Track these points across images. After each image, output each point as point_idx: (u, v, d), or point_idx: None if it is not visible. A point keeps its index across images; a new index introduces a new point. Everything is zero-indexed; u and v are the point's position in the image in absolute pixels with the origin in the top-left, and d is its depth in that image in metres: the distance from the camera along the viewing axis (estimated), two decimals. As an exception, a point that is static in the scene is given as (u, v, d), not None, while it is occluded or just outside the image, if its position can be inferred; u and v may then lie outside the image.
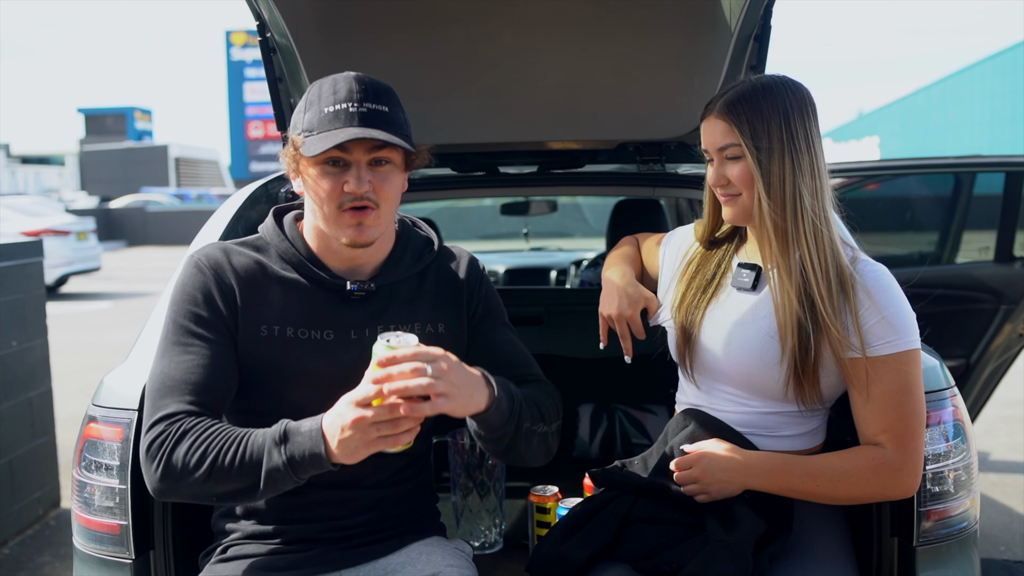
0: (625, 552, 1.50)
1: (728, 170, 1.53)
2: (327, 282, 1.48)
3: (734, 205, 1.55)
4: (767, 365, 1.50)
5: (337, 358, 1.46)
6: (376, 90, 1.42)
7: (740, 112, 1.50)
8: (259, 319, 1.45)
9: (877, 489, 1.46)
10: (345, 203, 1.41)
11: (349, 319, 1.48)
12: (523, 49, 2.08)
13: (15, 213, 12.37)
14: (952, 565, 1.59)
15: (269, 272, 1.48)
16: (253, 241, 1.54)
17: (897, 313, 1.45)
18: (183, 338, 1.41)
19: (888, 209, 4.52)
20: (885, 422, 1.44)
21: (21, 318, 3.70)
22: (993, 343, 3.46)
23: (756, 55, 2.04)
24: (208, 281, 1.44)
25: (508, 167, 2.64)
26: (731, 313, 1.58)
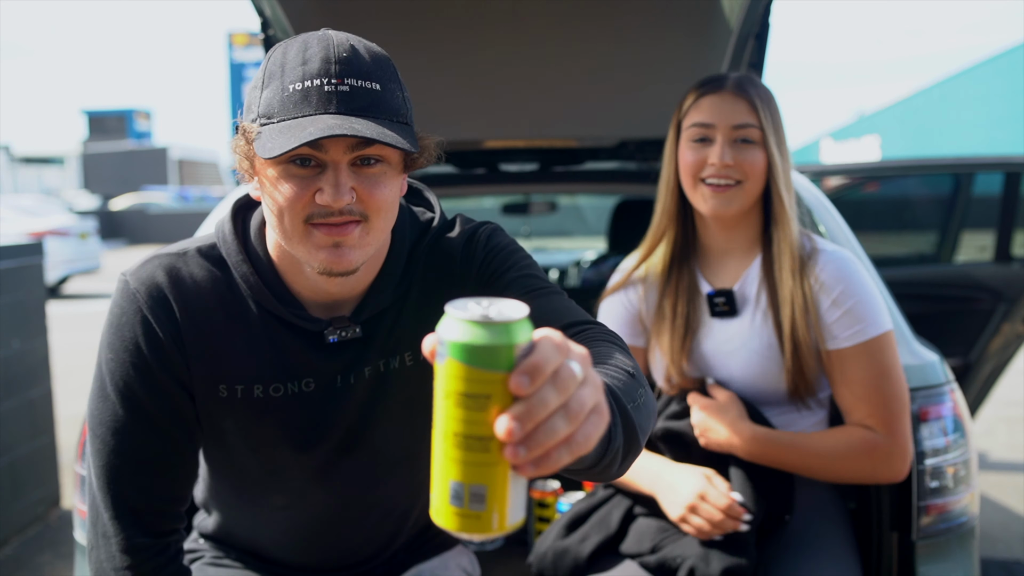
0: (628, 546, 1.50)
1: (741, 154, 1.43)
2: (300, 328, 1.13)
3: (733, 195, 1.45)
4: (770, 379, 1.50)
5: (323, 412, 1.15)
6: (361, 60, 1.00)
7: (759, 94, 1.44)
8: (216, 376, 1.11)
9: (868, 471, 1.45)
10: (315, 216, 1.01)
11: (329, 365, 1.14)
12: (524, 47, 2.08)
13: (16, 213, 12.37)
14: (951, 560, 1.60)
15: (230, 307, 1.12)
16: (209, 252, 1.14)
17: (860, 302, 1.44)
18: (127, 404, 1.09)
19: (888, 209, 4.52)
20: (869, 409, 1.45)
21: (22, 318, 3.70)
22: (992, 342, 3.46)
23: (755, 53, 2.04)
24: (148, 320, 1.09)
25: (509, 165, 2.64)
26: (721, 344, 1.54)
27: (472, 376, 0.61)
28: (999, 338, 3.46)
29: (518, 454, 0.60)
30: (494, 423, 0.61)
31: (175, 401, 1.11)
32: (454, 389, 0.62)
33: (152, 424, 1.10)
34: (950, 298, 3.51)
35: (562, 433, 0.62)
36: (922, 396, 1.62)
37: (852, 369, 1.45)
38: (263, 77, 1.02)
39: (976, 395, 3.67)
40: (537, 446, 0.61)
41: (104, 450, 1.10)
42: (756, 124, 1.43)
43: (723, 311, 1.53)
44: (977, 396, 3.69)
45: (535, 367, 0.60)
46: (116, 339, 1.10)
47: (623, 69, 2.13)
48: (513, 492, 0.63)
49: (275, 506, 1.24)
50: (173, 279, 1.11)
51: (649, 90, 2.22)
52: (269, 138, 0.97)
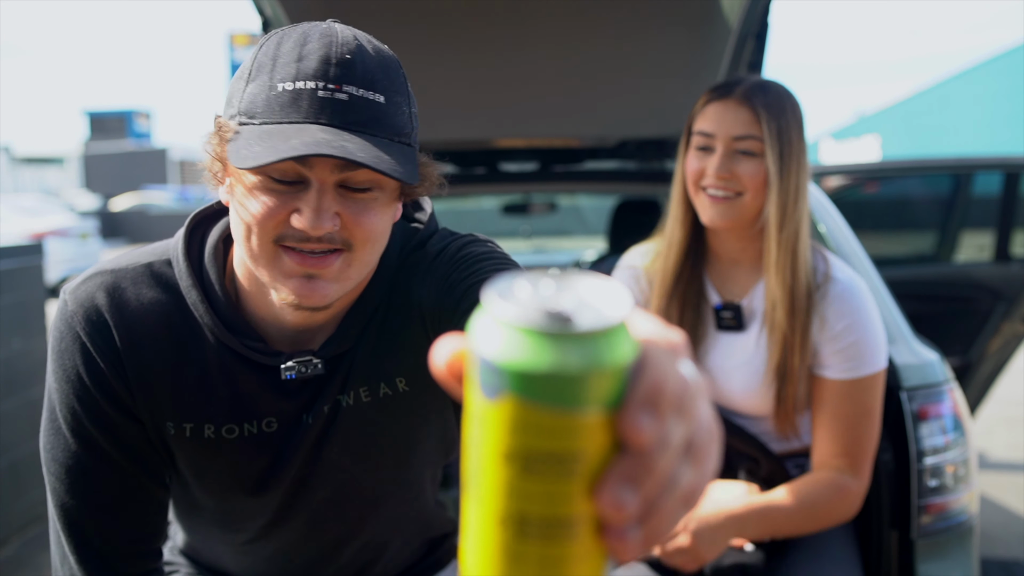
0: None
1: (739, 166, 1.39)
2: (258, 359, 0.98)
3: (730, 207, 1.40)
4: (770, 401, 1.49)
5: (279, 453, 1.02)
6: (366, 65, 0.86)
7: (770, 104, 1.37)
8: (163, 412, 0.97)
9: (836, 516, 1.43)
10: (288, 238, 0.87)
11: (293, 401, 1.00)
12: (524, 46, 2.08)
13: (17, 213, 12.38)
14: (951, 558, 1.60)
15: (179, 336, 0.97)
16: (160, 270, 0.99)
17: (861, 340, 1.41)
18: (79, 441, 0.96)
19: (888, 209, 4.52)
20: (843, 446, 1.43)
21: (22, 319, 3.71)
22: (991, 342, 3.47)
23: (755, 53, 2.04)
24: (87, 347, 0.94)
25: (509, 164, 2.65)
26: (725, 359, 1.51)
27: (554, 424, 0.35)
28: (998, 338, 3.46)
29: (626, 538, 0.37)
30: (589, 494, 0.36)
31: (127, 433, 0.97)
32: (522, 446, 0.36)
33: (108, 460, 0.97)
34: (949, 298, 3.51)
35: (686, 484, 0.39)
36: (921, 395, 1.62)
37: (835, 403, 1.43)
38: (250, 68, 0.87)
39: (976, 395, 3.67)
40: (655, 515, 0.37)
41: (60, 489, 0.97)
42: (758, 136, 1.37)
43: (730, 325, 1.49)
44: (976, 396, 3.69)
45: (656, 394, 0.37)
46: (58, 367, 0.96)
47: (623, 69, 2.13)
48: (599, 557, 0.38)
49: (238, 541, 1.13)
50: (115, 301, 0.95)
51: (649, 90, 2.22)
52: (246, 143, 0.83)
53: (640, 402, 0.36)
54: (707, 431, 0.40)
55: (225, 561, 1.20)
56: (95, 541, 0.98)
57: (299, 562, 1.16)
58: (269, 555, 1.15)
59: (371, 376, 1.01)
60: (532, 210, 4.56)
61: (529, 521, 0.36)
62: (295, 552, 1.14)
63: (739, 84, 1.42)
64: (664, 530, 0.38)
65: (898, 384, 1.63)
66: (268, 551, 1.14)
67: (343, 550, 1.16)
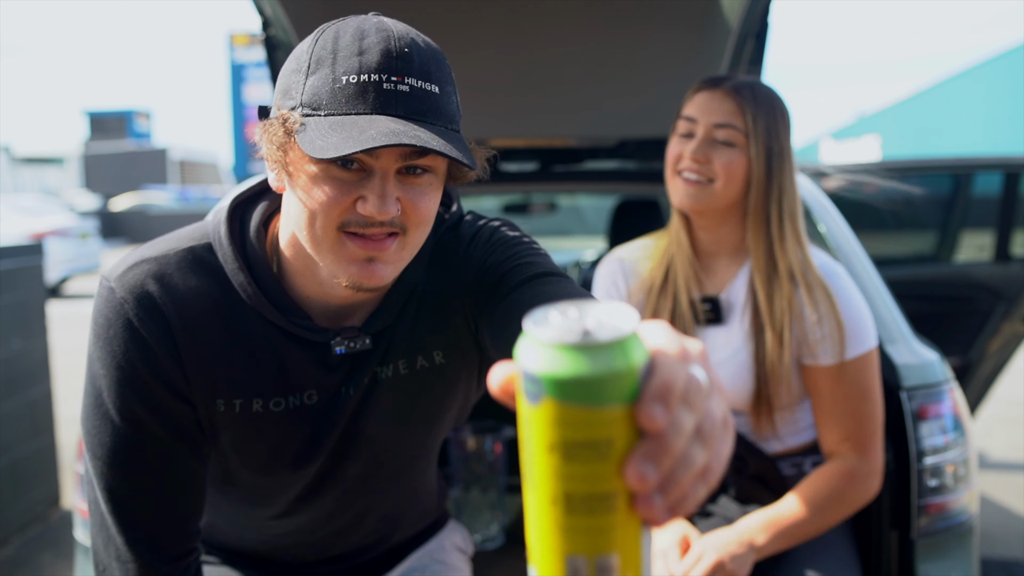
0: None
1: (715, 152, 1.41)
2: (305, 339, 1.04)
3: (700, 191, 1.42)
4: (750, 392, 1.49)
5: (322, 424, 1.08)
6: (423, 58, 0.90)
7: (755, 100, 1.40)
8: (214, 390, 1.02)
9: (855, 503, 1.45)
10: (352, 224, 0.92)
11: (335, 374, 1.07)
12: (523, 46, 2.08)
13: (17, 213, 12.38)
14: (951, 558, 1.60)
15: (226, 316, 1.01)
16: (200, 254, 1.03)
17: (849, 319, 1.42)
18: (128, 425, 0.99)
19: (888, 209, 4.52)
20: (846, 430, 1.44)
21: (22, 318, 3.70)
22: (991, 342, 3.47)
23: (755, 53, 2.05)
24: (140, 334, 0.98)
25: (509, 164, 2.65)
26: (713, 352, 1.51)
27: (585, 418, 0.45)
28: (998, 338, 3.46)
29: (653, 505, 0.46)
30: (619, 472, 0.46)
31: (177, 415, 1.01)
32: (562, 439, 0.46)
33: (157, 443, 1.01)
34: (949, 298, 3.51)
35: (700, 463, 0.48)
36: (921, 395, 1.62)
37: (829, 388, 1.44)
38: (309, 61, 0.90)
39: (976, 395, 3.67)
40: (675, 487, 0.47)
41: (108, 472, 1.00)
42: (740, 127, 1.39)
43: (709, 319, 1.50)
44: (977, 396, 3.69)
45: (665, 390, 0.46)
46: (107, 354, 0.99)
47: (623, 69, 2.13)
48: (644, 553, 0.49)
49: (265, 516, 1.18)
50: (164, 287, 0.99)
51: (649, 90, 2.22)
52: (318, 134, 0.86)
53: (652, 396, 0.45)
54: (717, 420, 0.49)
55: (245, 537, 1.24)
56: (143, 522, 1.01)
57: (320, 535, 1.21)
58: (292, 529, 1.19)
59: (410, 350, 1.08)
60: (532, 210, 4.55)
61: (574, 499, 0.46)
62: (319, 525, 1.19)
63: (731, 79, 1.45)
64: (684, 499, 0.47)
65: (898, 384, 1.63)
66: (292, 525, 1.19)
67: (364, 523, 1.22)
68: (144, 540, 1.01)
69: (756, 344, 1.46)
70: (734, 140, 1.40)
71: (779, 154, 1.42)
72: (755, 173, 1.41)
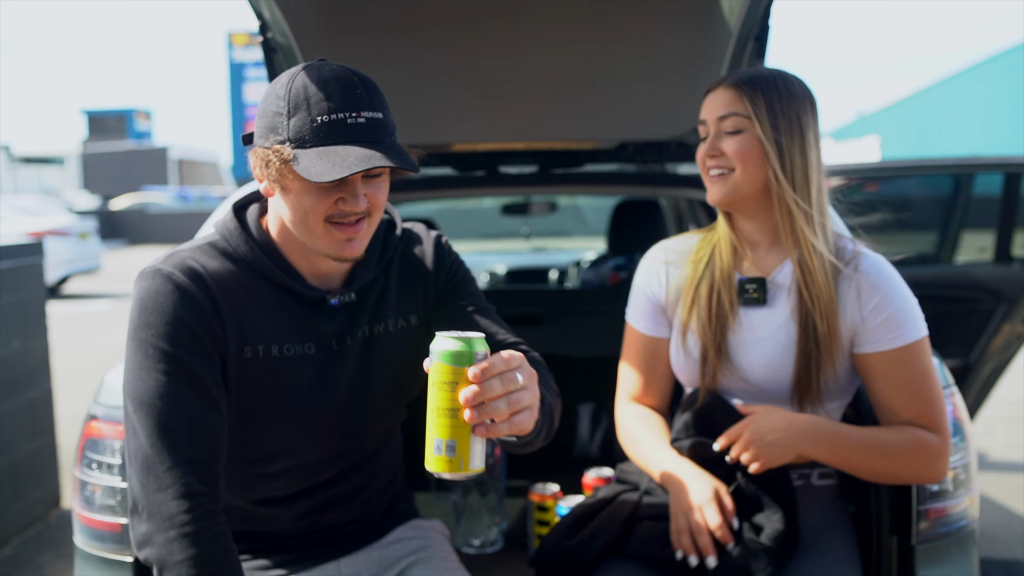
0: (634, 548, 1.50)
1: (725, 143, 1.47)
2: (303, 295, 1.35)
3: (724, 183, 1.48)
4: (786, 376, 1.51)
5: (323, 372, 1.35)
6: (369, 92, 1.24)
7: (754, 83, 1.45)
8: (243, 339, 1.30)
9: (917, 469, 1.46)
10: (335, 217, 1.26)
11: (327, 329, 1.36)
12: (523, 48, 2.08)
13: (16, 213, 12.38)
14: (951, 564, 1.60)
15: (245, 283, 1.32)
16: (216, 243, 1.35)
17: (903, 306, 1.46)
18: (171, 366, 1.22)
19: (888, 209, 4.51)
20: (915, 411, 1.46)
21: (22, 318, 3.70)
22: (992, 343, 3.46)
23: (755, 55, 2.04)
24: (191, 296, 1.25)
25: (508, 167, 2.64)
26: (748, 332, 1.54)
27: (449, 371, 1.02)
28: (999, 338, 3.46)
29: (472, 417, 1.01)
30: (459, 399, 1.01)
31: (214, 363, 1.26)
32: (438, 380, 1.02)
33: (199, 383, 1.23)
34: (950, 298, 3.51)
35: (504, 412, 1.03)
36: (922, 399, 1.62)
37: (896, 372, 1.45)
38: (287, 107, 1.22)
39: (976, 396, 3.67)
40: (485, 415, 1.02)
41: (154, 413, 1.20)
42: (743, 112, 1.44)
43: (753, 299, 1.53)
44: (977, 397, 3.69)
45: (484, 366, 1.02)
46: (155, 316, 1.24)
47: (623, 71, 2.13)
48: (474, 447, 1.03)
49: (274, 471, 1.39)
50: (200, 263, 1.30)
51: (649, 92, 2.22)
52: (311, 163, 1.18)
53: (476, 366, 1.02)
54: (519, 400, 1.04)
55: (250, 499, 1.42)
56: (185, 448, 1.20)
57: (320, 494, 1.43)
58: (296, 484, 1.41)
59: (389, 313, 1.43)
60: (532, 210, 4.55)
61: (441, 409, 1.02)
62: (321, 479, 1.42)
63: (735, 73, 1.50)
64: (492, 426, 1.03)
65: None
66: (298, 480, 1.41)
67: (362, 473, 1.47)
68: (184, 464, 1.19)
69: (801, 327, 1.47)
70: (740, 126, 1.45)
71: (788, 127, 1.44)
72: (768, 149, 1.44)
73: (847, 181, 4.05)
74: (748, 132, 1.45)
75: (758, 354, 1.52)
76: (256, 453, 1.37)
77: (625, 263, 3.10)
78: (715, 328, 1.54)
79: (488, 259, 5.12)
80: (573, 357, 2.66)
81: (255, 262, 1.33)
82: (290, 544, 1.46)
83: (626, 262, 3.09)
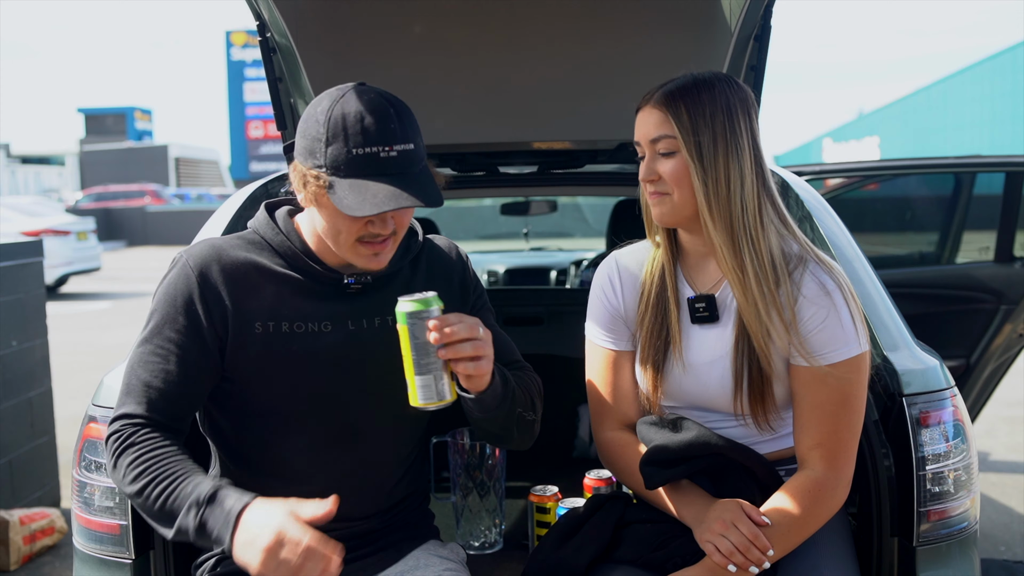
0: (625, 553, 1.49)
1: (660, 165, 1.44)
2: (323, 276, 1.45)
3: (662, 204, 1.47)
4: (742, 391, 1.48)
5: (334, 349, 1.44)
6: (403, 122, 1.34)
7: (679, 103, 1.42)
8: (253, 316, 1.42)
9: (824, 514, 1.44)
10: (365, 238, 1.38)
11: (346, 310, 1.47)
12: (523, 49, 2.08)
13: (15, 213, 12.37)
14: (952, 565, 1.60)
15: (262, 267, 1.44)
16: (247, 236, 1.50)
17: (832, 324, 1.41)
18: (156, 340, 1.39)
19: (888, 209, 4.51)
20: (819, 436, 1.42)
21: (21, 318, 3.70)
22: (993, 343, 3.46)
23: (756, 55, 2.03)
24: (191, 286, 1.40)
25: (508, 167, 2.64)
26: (702, 354, 1.51)
27: (414, 325, 1.31)
28: (1000, 339, 3.46)
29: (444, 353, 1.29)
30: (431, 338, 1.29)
31: (196, 343, 1.39)
32: (403, 332, 1.31)
33: (181, 359, 1.38)
34: (951, 299, 3.51)
35: (467, 352, 1.29)
36: (923, 401, 1.61)
37: (813, 390, 1.42)
38: (326, 135, 1.33)
39: (978, 396, 3.67)
40: (452, 352, 1.29)
41: (131, 372, 1.40)
42: (671, 135, 1.42)
43: (703, 317, 1.51)
44: (978, 397, 3.68)
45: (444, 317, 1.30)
46: (163, 296, 1.42)
47: (623, 72, 2.13)
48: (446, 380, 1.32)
49: (294, 449, 1.46)
50: (219, 252, 1.44)
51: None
52: (344, 195, 1.31)
53: (450, 315, 1.33)
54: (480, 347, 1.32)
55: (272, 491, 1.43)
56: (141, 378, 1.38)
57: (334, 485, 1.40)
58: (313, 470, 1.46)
59: None
60: (532, 210, 4.54)
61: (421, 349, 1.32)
62: (334, 469, 1.46)
63: (660, 89, 1.46)
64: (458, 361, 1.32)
65: (900, 390, 1.62)
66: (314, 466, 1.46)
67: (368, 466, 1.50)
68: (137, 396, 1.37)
69: (745, 342, 1.45)
70: (672, 147, 1.43)
71: (712, 143, 1.40)
72: (693, 169, 1.41)
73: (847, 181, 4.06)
74: (679, 154, 1.42)
75: (715, 377, 1.49)
76: (265, 435, 1.45)
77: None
78: (663, 346, 1.52)
79: (488, 259, 5.11)
80: (573, 357, 2.64)
81: (279, 246, 1.46)
82: None
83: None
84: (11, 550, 3.29)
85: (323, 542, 1.19)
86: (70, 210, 20.37)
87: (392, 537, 1.54)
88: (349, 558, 1.45)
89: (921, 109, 20.09)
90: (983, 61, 16.83)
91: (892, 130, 22.52)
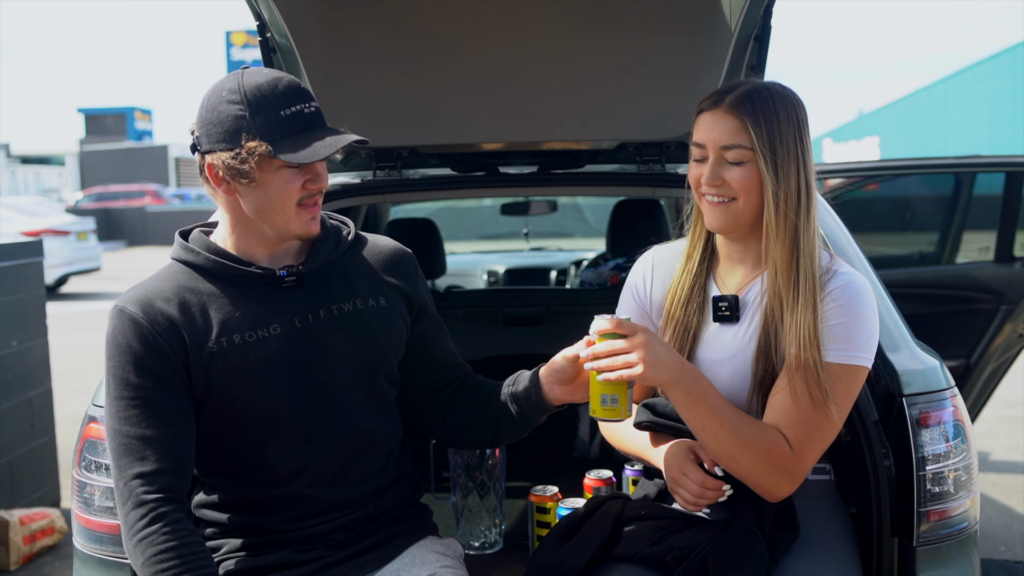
0: (624, 550, 1.50)
1: (727, 172, 1.44)
2: (256, 276, 1.47)
3: (725, 212, 1.46)
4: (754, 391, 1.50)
5: (287, 350, 1.46)
6: (300, 87, 1.44)
7: (757, 113, 1.41)
8: (205, 337, 1.42)
9: (761, 471, 1.40)
10: (304, 199, 1.43)
11: (290, 309, 1.48)
12: (523, 49, 2.08)
13: (15, 213, 12.37)
14: (952, 565, 1.60)
15: (197, 290, 1.45)
16: (170, 269, 1.50)
17: (849, 325, 1.41)
18: (126, 392, 1.38)
19: (888, 209, 4.51)
20: (790, 422, 1.40)
21: (21, 318, 3.70)
22: (993, 343, 3.46)
23: (756, 55, 2.04)
24: (140, 326, 1.40)
25: (508, 167, 2.63)
26: (715, 351, 1.53)
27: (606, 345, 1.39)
28: (1001, 339, 3.46)
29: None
30: None
31: (169, 381, 1.39)
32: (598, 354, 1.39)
33: (151, 404, 1.37)
34: (952, 299, 3.51)
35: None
36: (923, 401, 1.61)
37: (796, 380, 1.40)
38: (248, 109, 1.37)
39: (978, 396, 3.67)
40: None
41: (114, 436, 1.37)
42: (746, 145, 1.41)
43: (725, 316, 1.52)
44: (978, 397, 3.68)
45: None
46: (112, 349, 1.41)
47: (623, 72, 2.13)
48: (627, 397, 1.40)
49: (276, 452, 1.46)
50: (153, 287, 1.46)
51: (649, 93, 2.21)
52: (290, 148, 1.36)
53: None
54: None
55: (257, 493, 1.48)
56: (131, 434, 1.36)
57: (321, 472, 1.48)
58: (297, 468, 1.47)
59: (359, 292, 1.54)
60: (532, 210, 4.54)
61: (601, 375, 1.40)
62: (317, 458, 1.48)
63: (730, 92, 1.45)
64: None
65: (900, 391, 1.63)
66: (297, 463, 1.47)
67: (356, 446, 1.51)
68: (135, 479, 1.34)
69: (762, 343, 1.46)
70: (743, 158, 1.42)
71: (790, 158, 1.42)
72: (765, 184, 1.42)
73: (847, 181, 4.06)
74: (751, 164, 1.42)
75: (725, 374, 1.50)
76: (242, 444, 1.46)
77: (625, 263, 3.10)
78: (681, 340, 1.54)
79: (488, 259, 5.11)
80: (573, 357, 2.65)
81: (205, 262, 1.47)
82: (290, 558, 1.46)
83: (626, 262, 3.09)
84: (11, 550, 3.29)
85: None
86: (70, 210, 20.35)
87: (389, 532, 1.54)
88: (347, 554, 1.48)
89: (921, 109, 20.09)
90: (983, 61, 16.83)
91: (892, 130, 22.52)
